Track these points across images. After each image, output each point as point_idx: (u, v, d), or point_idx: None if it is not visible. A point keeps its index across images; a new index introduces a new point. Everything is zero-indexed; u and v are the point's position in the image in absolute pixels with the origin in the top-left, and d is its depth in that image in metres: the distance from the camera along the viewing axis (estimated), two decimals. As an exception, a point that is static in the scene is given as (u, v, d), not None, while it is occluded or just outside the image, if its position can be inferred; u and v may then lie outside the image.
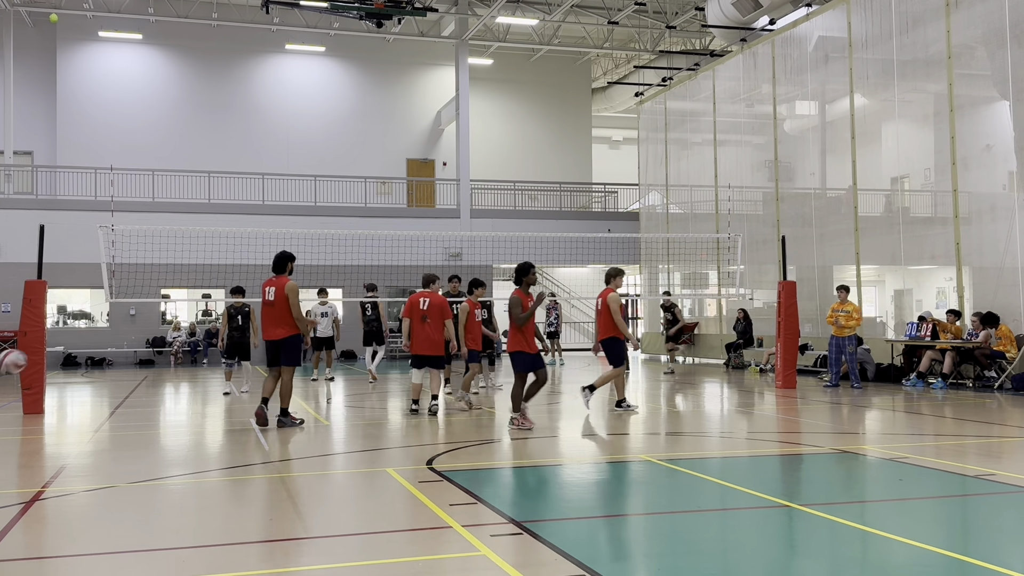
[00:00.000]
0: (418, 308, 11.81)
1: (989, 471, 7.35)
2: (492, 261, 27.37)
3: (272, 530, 5.80)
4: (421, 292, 12.01)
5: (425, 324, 11.71)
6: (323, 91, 30.56)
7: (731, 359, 21.41)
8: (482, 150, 31.23)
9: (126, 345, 25.97)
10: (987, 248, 15.71)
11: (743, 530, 5.77)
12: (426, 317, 11.72)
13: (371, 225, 24.87)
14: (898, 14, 17.26)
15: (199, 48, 29.25)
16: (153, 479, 7.53)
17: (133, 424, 11.66)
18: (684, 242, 24.24)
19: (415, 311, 11.81)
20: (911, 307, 20.78)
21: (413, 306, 11.87)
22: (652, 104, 27.74)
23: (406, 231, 21.58)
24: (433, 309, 11.76)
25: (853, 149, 18.48)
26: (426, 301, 11.80)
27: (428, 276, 12.22)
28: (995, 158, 16.01)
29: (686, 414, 12.47)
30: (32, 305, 12.50)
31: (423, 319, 11.74)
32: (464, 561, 4.92)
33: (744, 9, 22.54)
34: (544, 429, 10.71)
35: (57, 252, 20.25)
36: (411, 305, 11.92)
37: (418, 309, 11.80)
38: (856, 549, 5.19)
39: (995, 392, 14.20)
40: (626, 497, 7.10)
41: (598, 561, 4.89)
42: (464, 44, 28.76)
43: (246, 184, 27.55)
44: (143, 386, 17.82)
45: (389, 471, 7.64)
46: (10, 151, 26.53)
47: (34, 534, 5.82)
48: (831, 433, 9.68)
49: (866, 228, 18.35)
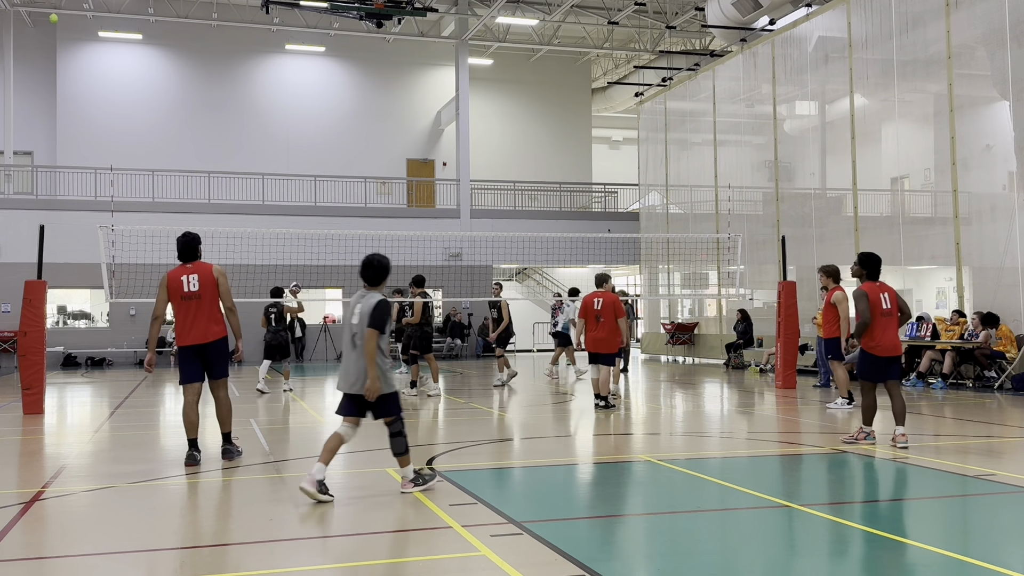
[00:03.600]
0: (592, 308, 12.11)
1: (989, 471, 7.35)
2: (492, 261, 27.39)
3: (272, 530, 5.80)
4: (595, 292, 12.34)
5: (599, 323, 11.99)
6: (323, 91, 30.56)
7: (731, 359, 21.41)
8: (482, 150, 31.23)
9: (126, 345, 25.97)
10: (987, 248, 15.71)
11: (743, 530, 5.77)
12: (600, 316, 12.01)
13: (371, 225, 24.88)
14: (898, 14, 17.26)
15: (199, 48, 29.25)
16: (153, 479, 7.53)
17: (133, 424, 11.66)
18: (684, 242, 24.23)
19: (590, 311, 12.17)
20: (911, 307, 20.77)
21: (588, 306, 12.20)
22: (652, 104, 27.74)
23: (406, 231, 21.57)
24: (606, 308, 12.05)
25: (853, 149, 18.48)
26: (599, 301, 12.11)
27: (601, 276, 12.59)
28: (995, 158, 16.01)
29: (686, 414, 12.46)
30: (32, 305, 12.49)
31: (597, 318, 12.05)
32: (464, 561, 4.92)
33: (744, 9, 22.54)
34: (544, 429, 10.72)
35: (57, 252, 20.26)
36: (586, 305, 12.29)
37: (592, 309, 12.11)
38: (856, 549, 5.18)
39: (995, 392, 14.20)
40: (626, 497, 7.10)
41: (598, 561, 4.89)
42: (464, 44, 28.76)
43: (246, 184, 27.55)
44: (143, 386, 17.82)
45: (389, 471, 7.63)
46: (10, 151, 26.52)
47: (34, 534, 5.82)
48: (831, 433, 9.68)
49: (866, 228, 18.34)
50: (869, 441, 8.69)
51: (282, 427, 11.15)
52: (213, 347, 8.15)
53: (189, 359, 8.16)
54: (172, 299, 8.11)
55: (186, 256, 8.28)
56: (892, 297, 8.80)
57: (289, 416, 12.37)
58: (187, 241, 8.33)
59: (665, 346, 25.88)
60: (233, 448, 8.45)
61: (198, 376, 8.20)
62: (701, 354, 24.85)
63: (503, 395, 14.74)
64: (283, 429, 10.94)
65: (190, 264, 8.25)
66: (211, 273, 8.20)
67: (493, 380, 15.79)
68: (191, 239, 8.36)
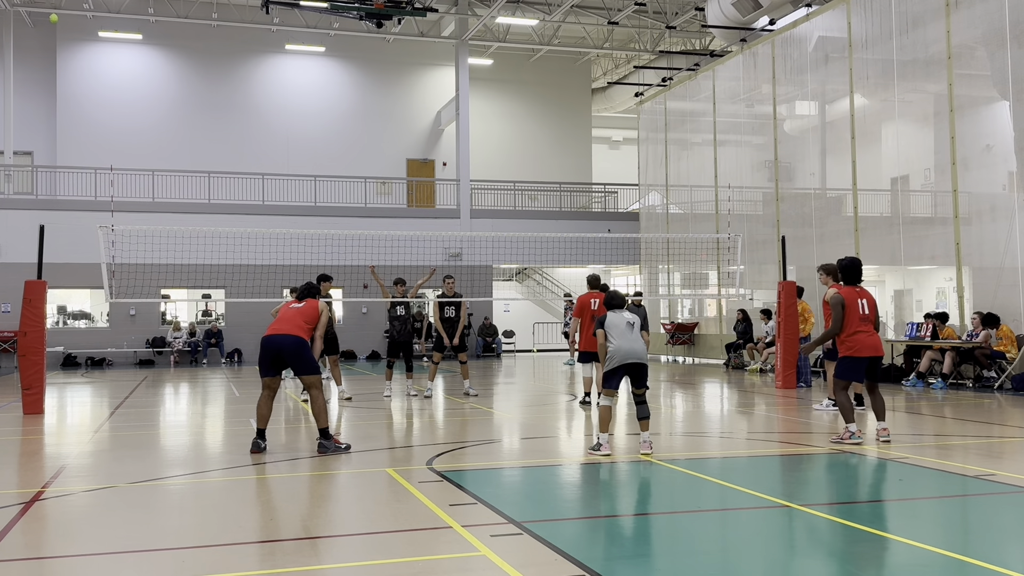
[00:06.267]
0: (589, 308, 12.40)
1: (989, 471, 7.35)
2: (492, 261, 27.39)
3: (272, 530, 5.80)
4: (591, 293, 12.59)
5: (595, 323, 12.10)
6: (323, 91, 30.56)
7: (731, 359, 21.41)
8: (482, 150, 31.22)
9: (126, 345, 25.97)
10: (987, 248, 15.71)
11: (743, 530, 5.77)
12: (596, 317, 11.98)
13: (371, 225, 24.89)
14: (898, 14, 17.26)
15: (199, 48, 29.25)
16: (153, 479, 7.53)
17: (133, 424, 11.66)
18: (684, 242, 24.23)
19: (586, 311, 12.41)
20: (911, 307, 20.78)
21: (584, 306, 12.50)
22: (652, 104, 27.74)
23: (406, 231, 21.56)
24: (603, 308, 12.02)
25: (853, 149, 18.48)
26: (596, 301, 12.32)
27: (594, 277, 12.86)
28: (995, 158, 16.01)
29: (686, 414, 12.47)
30: (32, 305, 12.49)
31: (593, 318, 12.09)
32: (464, 561, 4.92)
33: (744, 9, 22.54)
34: (544, 429, 10.72)
35: (57, 252, 20.24)
36: (582, 305, 12.55)
37: (589, 309, 12.39)
38: (856, 549, 5.18)
39: (995, 392, 14.20)
40: (626, 497, 7.10)
41: (598, 561, 4.89)
42: (464, 44, 28.76)
43: (246, 184, 27.55)
44: (143, 386, 17.82)
45: (389, 471, 7.64)
46: (10, 151, 26.52)
47: (34, 534, 5.82)
48: (831, 433, 9.67)
49: (866, 228, 18.34)
50: (854, 440, 8.74)
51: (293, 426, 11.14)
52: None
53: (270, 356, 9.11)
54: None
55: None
56: (870, 303, 9.03)
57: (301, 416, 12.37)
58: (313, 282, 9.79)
59: (665, 346, 25.89)
60: (329, 443, 8.71)
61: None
62: (701, 354, 24.86)
63: (506, 396, 14.73)
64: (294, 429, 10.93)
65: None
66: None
67: (464, 388, 14.59)
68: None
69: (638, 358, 8.33)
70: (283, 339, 8.69)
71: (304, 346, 8.74)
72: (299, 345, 8.69)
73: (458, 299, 14.27)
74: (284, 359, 8.77)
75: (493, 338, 28.85)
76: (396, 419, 11.81)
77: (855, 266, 9.17)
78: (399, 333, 14.11)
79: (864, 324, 8.85)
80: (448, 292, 14.31)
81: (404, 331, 14.15)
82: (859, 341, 8.79)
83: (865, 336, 8.81)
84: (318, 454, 8.56)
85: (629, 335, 8.35)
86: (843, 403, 8.94)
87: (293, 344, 8.68)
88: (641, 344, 8.46)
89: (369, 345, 27.63)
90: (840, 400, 8.98)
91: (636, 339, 8.42)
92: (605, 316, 8.54)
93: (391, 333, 14.30)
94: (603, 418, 8.42)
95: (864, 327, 8.85)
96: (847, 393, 8.98)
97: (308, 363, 8.74)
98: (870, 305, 8.98)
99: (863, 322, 8.84)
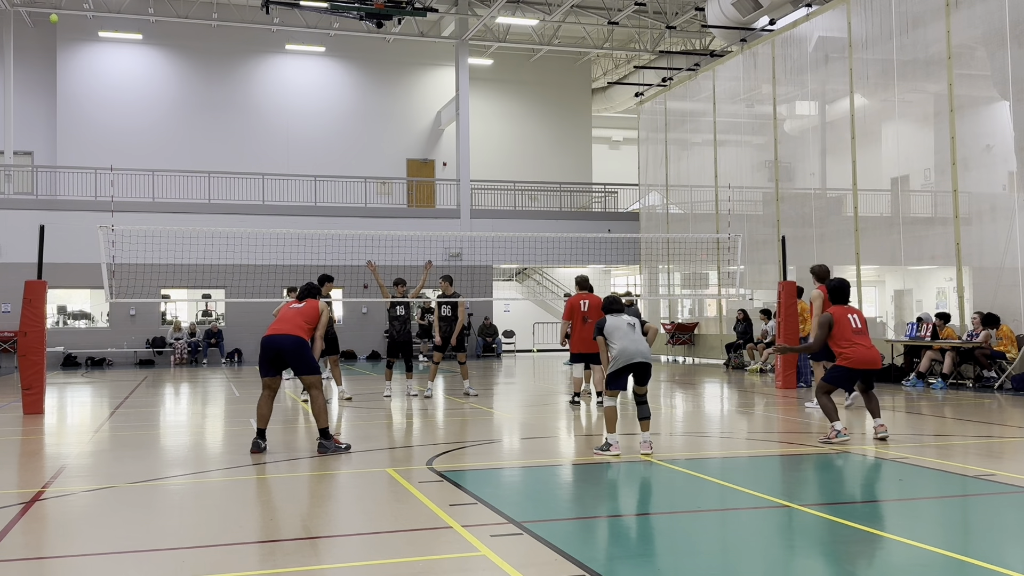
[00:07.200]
0: (579, 309, 12.47)
1: (989, 471, 7.35)
2: (492, 261, 27.38)
3: (272, 530, 5.80)
4: (580, 294, 12.64)
5: (586, 324, 12.20)
6: (323, 91, 30.55)
7: (731, 359, 21.40)
8: (482, 150, 31.22)
9: (126, 345, 25.97)
10: (987, 248, 15.71)
11: (743, 530, 5.77)
12: (587, 318, 12.26)
13: (371, 225, 24.89)
14: (898, 14, 17.26)
15: (199, 48, 29.25)
16: (153, 479, 7.53)
17: (133, 424, 11.66)
18: (684, 242, 24.23)
19: (576, 312, 12.47)
20: (911, 307, 20.78)
21: (574, 308, 12.54)
22: (652, 104, 27.74)
23: (406, 231, 21.56)
24: (593, 310, 12.33)
25: (853, 149, 18.48)
26: (586, 303, 12.44)
27: (582, 278, 12.88)
28: (995, 158, 16.01)
29: (686, 414, 12.47)
30: (32, 305, 12.49)
31: (584, 320, 12.31)
32: (464, 561, 4.92)
33: (744, 9, 22.54)
34: (544, 429, 10.71)
35: (57, 252, 20.25)
36: (572, 307, 12.59)
37: (579, 310, 12.46)
38: (856, 549, 5.18)
39: (995, 392, 14.20)
40: (626, 497, 7.10)
41: (598, 561, 4.89)
42: (464, 44, 28.76)
43: (246, 184, 27.55)
44: (143, 386, 17.82)
45: (389, 471, 7.64)
46: (10, 151, 26.52)
47: (34, 534, 5.82)
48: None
49: (866, 228, 18.35)
50: (842, 439, 8.78)
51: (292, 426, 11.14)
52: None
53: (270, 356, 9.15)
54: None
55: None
56: (861, 318, 9.15)
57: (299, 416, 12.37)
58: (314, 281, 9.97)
59: (665, 346, 25.89)
60: (329, 444, 8.69)
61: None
62: (701, 354, 24.85)
63: (508, 397, 14.73)
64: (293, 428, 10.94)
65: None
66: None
67: (464, 388, 14.55)
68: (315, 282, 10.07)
69: (643, 357, 8.35)
70: (283, 339, 8.70)
71: (304, 346, 8.74)
72: (299, 345, 8.70)
73: (455, 299, 14.32)
74: (284, 359, 8.76)
75: (493, 338, 28.86)
76: (396, 419, 11.81)
77: (843, 288, 9.33)
78: (399, 333, 14.09)
79: (860, 336, 8.94)
80: (446, 293, 14.40)
81: (404, 331, 14.12)
82: (858, 353, 8.86)
83: (864, 350, 8.88)
84: (318, 454, 8.56)
85: (632, 335, 8.35)
86: (825, 404, 9.02)
87: (293, 344, 8.68)
88: (645, 343, 8.47)
89: (369, 345, 27.64)
90: (822, 402, 9.05)
91: (639, 339, 8.42)
92: (604, 321, 8.50)
93: (391, 333, 14.29)
94: (610, 419, 8.42)
95: (861, 340, 8.93)
96: (829, 396, 9.07)
97: (308, 363, 8.74)
98: (861, 320, 9.11)
99: (857, 334, 8.93)
